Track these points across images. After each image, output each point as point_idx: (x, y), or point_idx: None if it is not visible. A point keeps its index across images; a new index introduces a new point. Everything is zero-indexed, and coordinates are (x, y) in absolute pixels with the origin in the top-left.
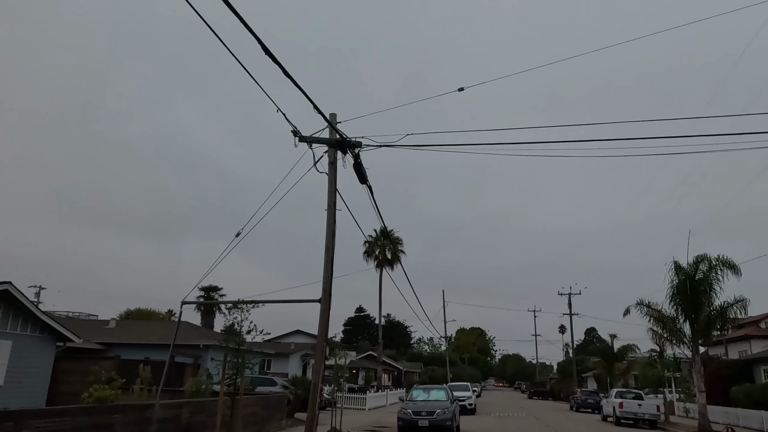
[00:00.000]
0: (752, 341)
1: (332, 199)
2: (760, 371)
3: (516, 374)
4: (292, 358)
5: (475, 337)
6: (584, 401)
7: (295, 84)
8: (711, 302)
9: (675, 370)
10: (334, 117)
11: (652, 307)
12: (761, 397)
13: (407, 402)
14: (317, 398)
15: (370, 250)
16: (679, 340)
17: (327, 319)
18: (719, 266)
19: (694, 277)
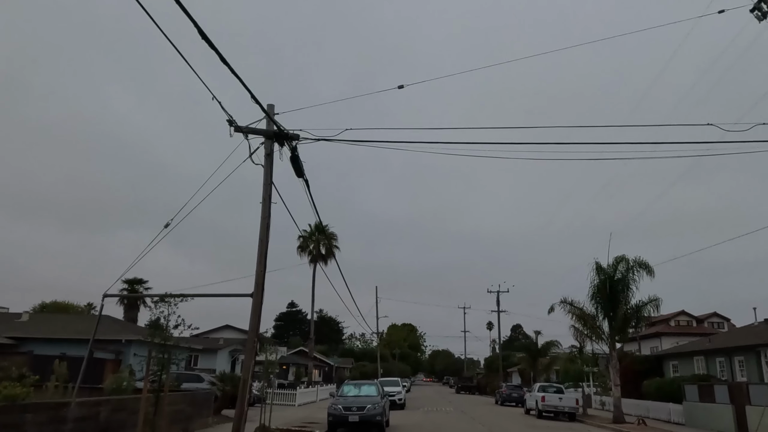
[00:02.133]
0: (663, 338)
1: (267, 192)
2: (669, 366)
3: (445, 369)
4: (220, 354)
5: (406, 333)
6: (509, 395)
7: (232, 71)
8: (628, 301)
9: (593, 365)
10: (272, 108)
11: (574, 306)
12: (669, 390)
13: (338, 397)
14: (246, 394)
15: (305, 245)
16: (598, 337)
17: (259, 315)
18: (636, 267)
19: (613, 277)
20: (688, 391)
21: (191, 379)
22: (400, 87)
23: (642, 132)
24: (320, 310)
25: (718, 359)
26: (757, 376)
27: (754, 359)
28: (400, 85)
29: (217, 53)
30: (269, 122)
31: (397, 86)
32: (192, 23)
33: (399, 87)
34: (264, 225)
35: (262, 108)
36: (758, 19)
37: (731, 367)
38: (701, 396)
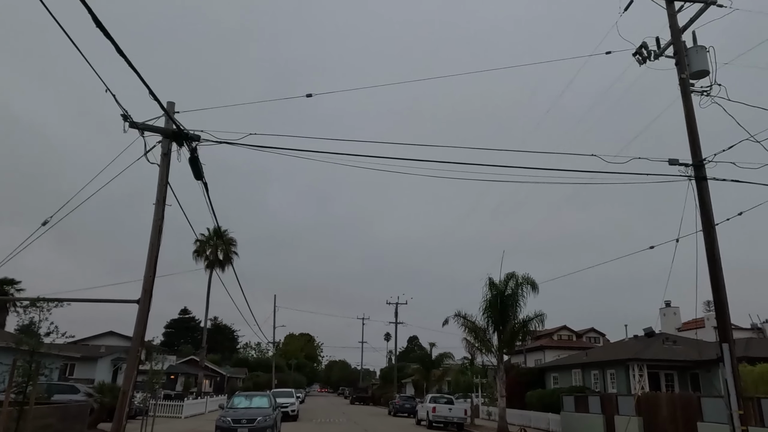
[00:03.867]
0: (546, 351)
1: (162, 193)
2: (550, 378)
3: (341, 380)
4: (101, 363)
5: (303, 342)
6: (402, 406)
7: (128, 63)
8: (516, 316)
9: (483, 377)
10: (172, 106)
11: (467, 319)
12: (549, 401)
13: (227, 409)
14: (125, 407)
15: (202, 249)
16: (488, 350)
17: (145, 322)
18: (524, 284)
19: (504, 292)
20: (566, 401)
21: (65, 390)
22: (308, 96)
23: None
24: (215, 317)
25: (593, 372)
26: (626, 387)
27: (623, 372)
28: (308, 94)
29: (113, 44)
30: (168, 121)
31: (305, 95)
32: (87, 10)
33: (307, 96)
34: (156, 228)
35: (161, 105)
36: (638, 63)
37: (604, 380)
38: (577, 406)
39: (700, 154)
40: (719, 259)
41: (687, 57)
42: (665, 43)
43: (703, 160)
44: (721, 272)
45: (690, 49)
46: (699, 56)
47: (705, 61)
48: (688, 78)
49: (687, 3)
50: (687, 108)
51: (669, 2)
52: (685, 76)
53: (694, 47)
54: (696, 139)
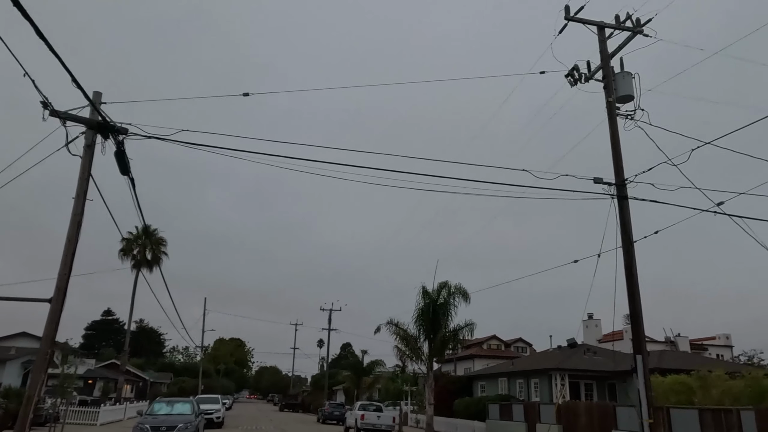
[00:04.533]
0: (476, 360)
1: (83, 187)
2: (478, 386)
3: (271, 386)
4: (10, 365)
5: (234, 347)
6: (331, 413)
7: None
8: (447, 325)
9: (413, 385)
10: (99, 96)
11: (399, 327)
12: (476, 409)
13: (146, 416)
14: (29, 413)
15: (128, 248)
16: (418, 358)
17: (57, 323)
18: (457, 293)
19: (436, 301)
20: (491, 409)
21: None
22: (245, 95)
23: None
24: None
25: (519, 381)
26: (548, 396)
27: (547, 381)
28: (245, 93)
29: (33, 26)
30: (93, 111)
31: (242, 93)
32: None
33: (244, 95)
34: (75, 223)
35: (85, 94)
36: (570, 84)
37: (528, 388)
38: (501, 414)
39: (622, 175)
40: (636, 275)
41: (614, 81)
42: (595, 67)
43: (625, 180)
44: (637, 287)
45: (617, 74)
46: (625, 81)
47: (630, 86)
48: (615, 101)
49: (616, 30)
50: (612, 130)
51: (600, 29)
52: (611, 100)
53: (621, 73)
54: (619, 160)
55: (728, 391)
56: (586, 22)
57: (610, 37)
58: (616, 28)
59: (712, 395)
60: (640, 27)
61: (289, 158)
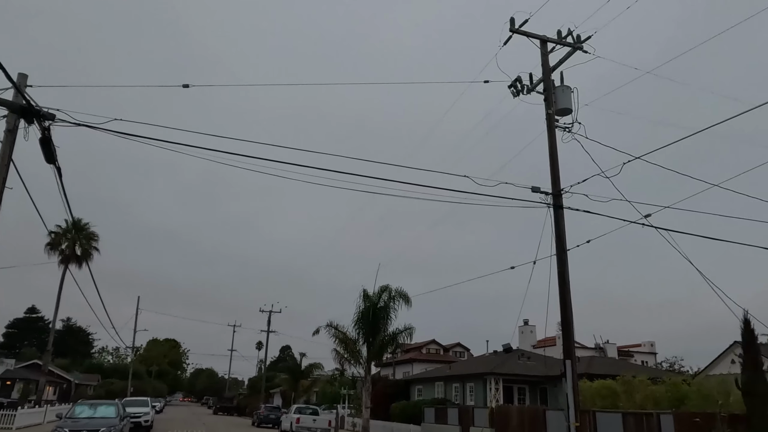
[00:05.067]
0: (415, 364)
1: (2, 174)
2: (415, 390)
3: (206, 389)
4: None
5: (168, 348)
6: (266, 417)
7: None
8: (387, 328)
9: (351, 388)
10: (24, 78)
11: (339, 330)
12: (412, 413)
13: (65, 420)
14: None
15: (57, 242)
16: (356, 361)
17: None
18: (398, 297)
19: (377, 305)
20: (427, 413)
21: None
22: (185, 86)
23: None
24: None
25: (455, 385)
26: (483, 400)
27: (482, 385)
28: (185, 84)
29: None
30: (17, 94)
31: (182, 85)
32: None
33: (184, 86)
34: None
35: (7, 74)
36: (513, 95)
37: (464, 392)
38: (437, 418)
39: (558, 185)
40: (568, 282)
41: (554, 95)
42: (537, 79)
43: (561, 190)
44: (569, 294)
45: (557, 88)
46: (565, 95)
47: (569, 100)
48: (554, 114)
49: (558, 45)
50: (550, 142)
51: (542, 43)
52: (551, 112)
53: (561, 86)
54: (556, 171)
55: (650, 395)
56: (529, 36)
57: (552, 51)
58: (558, 43)
59: (635, 400)
60: (579, 43)
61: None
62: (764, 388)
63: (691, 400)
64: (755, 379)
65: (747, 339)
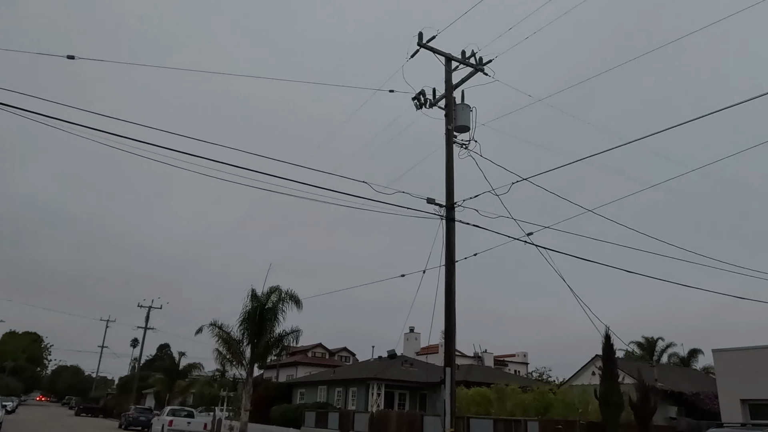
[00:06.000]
0: (299, 367)
1: None
2: (297, 394)
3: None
4: None
5: (28, 342)
6: (136, 419)
7: None
8: (273, 330)
9: (231, 390)
10: None
11: (223, 329)
12: (293, 416)
13: None
14: None
15: None
16: (239, 362)
17: None
18: (287, 299)
19: (265, 305)
20: (307, 417)
21: None
22: (70, 57)
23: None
24: None
25: (338, 389)
26: (365, 405)
27: (364, 390)
28: (70, 56)
29: None
30: None
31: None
32: None
33: (69, 57)
34: None
35: None
36: (416, 107)
37: (346, 397)
38: (317, 422)
39: (452, 198)
40: (454, 292)
41: (455, 112)
42: (439, 95)
43: (454, 203)
44: (454, 304)
45: (458, 105)
46: (464, 113)
47: (468, 118)
48: (453, 130)
49: (461, 65)
50: (448, 156)
51: (447, 60)
52: (450, 128)
53: (461, 104)
54: (451, 184)
55: (520, 403)
56: (435, 52)
57: (455, 69)
58: (461, 62)
59: (506, 407)
60: (481, 65)
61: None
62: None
63: (555, 408)
64: (611, 389)
65: (607, 353)
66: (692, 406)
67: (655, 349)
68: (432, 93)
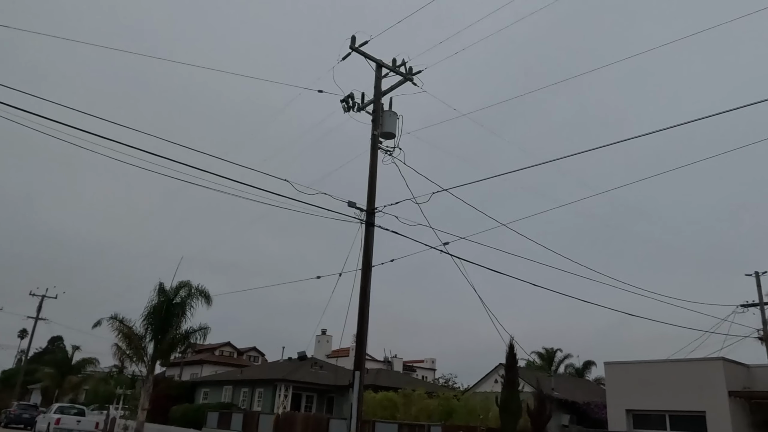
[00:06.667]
0: (205, 366)
1: None
2: (201, 393)
3: None
4: None
5: None
6: (19, 416)
7: None
8: (180, 326)
9: (129, 388)
10: None
11: (124, 323)
12: (195, 417)
13: None
14: None
15: None
16: (140, 359)
17: None
18: (198, 294)
19: (173, 300)
20: (210, 417)
21: None
22: None
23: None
24: None
25: (244, 389)
26: (271, 406)
27: (271, 391)
28: None
29: None
30: None
31: None
32: None
33: None
34: None
35: None
36: (344, 109)
37: (252, 398)
38: (220, 423)
39: (373, 203)
40: (369, 297)
41: (382, 118)
42: (368, 100)
43: (375, 208)
44: (368, 308)
45: (385, 112)
46: (391, 120)
47: (394, 125)
48: (379, 136)
49: (391, 73)
50: (372, 161)
51: (378, 66)
52: (376, 133)
53: (389, 111)
54: (373, 190)
55: (425, 408)
56: (367, 57)
57: (386, 76)
58: (392, 70)
59: (412, 412)
60: (411, 75)
61: None
62: (517, 405)
63: (458, 413)
64: (511, 397)
65: (509, 362)
66: (584, 415)
67: (554, 359)
68: (361, 97)
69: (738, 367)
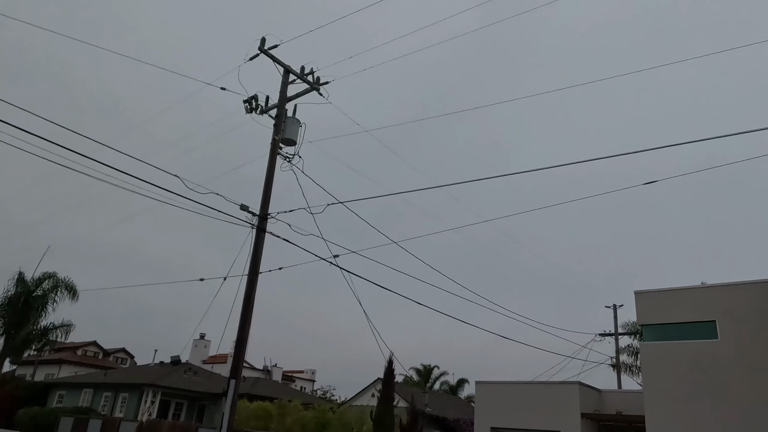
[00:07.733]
0: (64, 366)
1: None
2: (56, 395)
3: None
4: None
5: None
6: None
7: None
8: (39, 321)
9: None
10: None
11: None
12: (46, 422)
13: None
14: None
15: None
16: None
17: None
18: (63, 287)
19: (33, 292)
20: (63, 423)
21: None
22: None
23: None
24: None
25: (106, 394)
26: (135, 413)
27: (137, 397)
28: None
29: None
30: None
31: None
32: None
33: None
34: None
35: None
36: (246, 110)
37: (115, 403)
38: (74, 429)
39: (267, 209)
40: (253, 303)
41: (284, 123)
42: (272, 104)
43: (268, 214)
44: (251, 314)
45: (288, 118)
46: (293, 127)
47: (296, 132)
48: (280, 141)
49: (299, 80)
50: (270, 166)
51: (286, 72)
52: (277, 138)
53: (292, 118)
54: (268, 195)
55: (300, 419)
56: (275, 60)
57: (293, 82)
58: (299, 77)
59: (286, 423)
60: (317, 85)
61: None
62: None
63: (333, 426)
64: (386, 412)
65: (387, 377)
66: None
67: (431, 376)
68: (265, 100)
69: (591, 391)
